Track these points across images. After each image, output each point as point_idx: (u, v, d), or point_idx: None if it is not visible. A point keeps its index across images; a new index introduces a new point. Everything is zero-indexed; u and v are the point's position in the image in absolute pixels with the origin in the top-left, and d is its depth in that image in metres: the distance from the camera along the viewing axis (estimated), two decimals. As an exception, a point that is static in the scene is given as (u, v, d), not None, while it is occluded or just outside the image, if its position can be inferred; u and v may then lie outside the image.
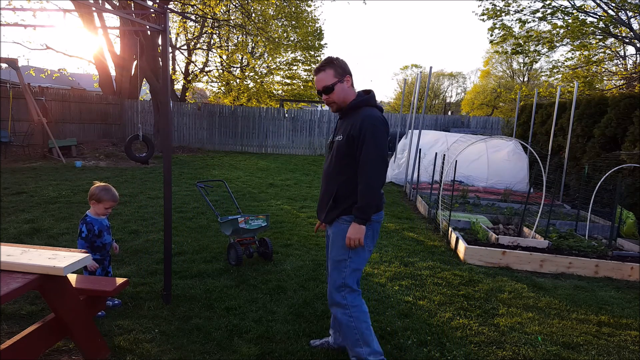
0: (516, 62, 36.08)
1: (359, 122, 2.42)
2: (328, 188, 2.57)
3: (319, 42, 27.47)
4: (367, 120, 2.40)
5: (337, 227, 2.54)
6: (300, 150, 17.25)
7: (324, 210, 2.62)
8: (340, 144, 2.49)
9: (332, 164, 2.55)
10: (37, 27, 3.56)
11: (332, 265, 2.55)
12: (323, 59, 2.55)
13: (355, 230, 2.42)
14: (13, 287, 1.98)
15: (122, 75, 17.32)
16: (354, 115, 2.49)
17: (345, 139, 2.45)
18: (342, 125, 2.55)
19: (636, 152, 6.91)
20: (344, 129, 2.50)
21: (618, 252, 5.07)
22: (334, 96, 2.49)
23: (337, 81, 2.46)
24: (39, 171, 9.55)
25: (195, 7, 14.75)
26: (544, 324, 3.40)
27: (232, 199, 5.23)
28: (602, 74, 15.22)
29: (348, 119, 2.51)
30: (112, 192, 3.23)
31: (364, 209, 2.40)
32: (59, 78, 20.81)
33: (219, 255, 4.53)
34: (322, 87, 2.48)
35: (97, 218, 3.22)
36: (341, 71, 2.47)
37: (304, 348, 2.83)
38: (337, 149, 2.51)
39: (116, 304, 3.28)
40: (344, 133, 2.47)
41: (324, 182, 2.64)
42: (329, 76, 2.46)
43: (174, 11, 3.75)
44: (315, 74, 2.52)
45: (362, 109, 2.50)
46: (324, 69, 2.47)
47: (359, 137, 2.40)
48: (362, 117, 2.43)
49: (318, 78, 2.49)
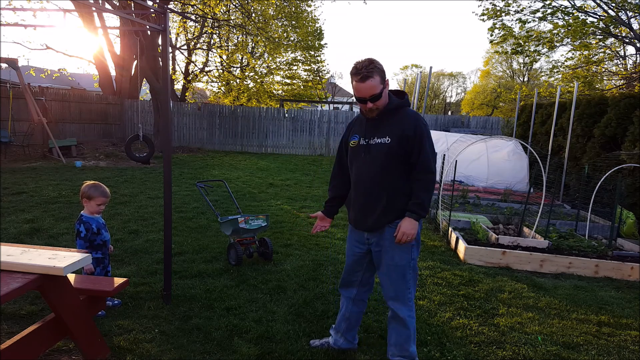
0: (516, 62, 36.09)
1: (412, 122, 2.36)
2: (375, 192, 2.43)
3: (319, 42, 27.47)
4: (420, 120, 2.38)
5: (393, 232, 2.43)
6: (300, 150, 17.24)
7: (371, 216, 2.46)
8: (389, 145, 2.37)
9: (376, 167, 2.41)
10: (37, 27, 3.56)
11: (391, 271, 2.46)
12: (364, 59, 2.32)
13: (411, 225, 2.36)
14: (13, 287, 1.98)
15: (122, 75, 17.32)
16: (396, 116, 2.41)
17: (396, 140, 2.35)
18: (380, 127, 2.42)
19: (636, 152, 6.90)
20: (388, 130, 2.39)
21: (618, 252, 5.07)
22: (380, 102, 2.37)
23: (383, 87, 2.34)
24: (39, 171, 9.55)
25: (195, 7, 14.75)
26: (544, 324, 3.40)
27: (232, 199, 5.23)
28: (602, 74, 15.22)
29: (388, 120, 2.41)
30: (101, 189, 3.22)
31: (424, 206, 2.37)
32: (59, 78, 20.80)
33: (219, 255, 4.53)
34: (371, 96, 2.33)
35: (92, 217, 3.21)
36: (384, 75, 2.35)
37: (304, 348, 2.83)
38: (383, 151, 2.38)
39: (116, 304, 3.28)
40: (391, 134, 2.37)
41: (366, 187, 2.46)
42: (377, 83, 2.31)
43: (174, 11, 3.75)
44: (361, 81, 2.30)
45: (404, 109, 2.44)
46: (372, 76, 2.29)
47: (415, 137, 2.34)
48: (413, 117, 2.39)
49: (366, 86, 2.30)
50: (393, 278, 2.47)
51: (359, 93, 2.34)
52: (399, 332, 2.53)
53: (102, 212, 3.31)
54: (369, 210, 2.47)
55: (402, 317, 2.49)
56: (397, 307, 2.50)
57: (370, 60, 2.32)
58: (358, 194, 2.52)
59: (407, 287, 2.48)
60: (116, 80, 17.82)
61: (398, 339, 2.53)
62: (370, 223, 2.48)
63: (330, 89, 37.26)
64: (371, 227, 2.49)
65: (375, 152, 2.41)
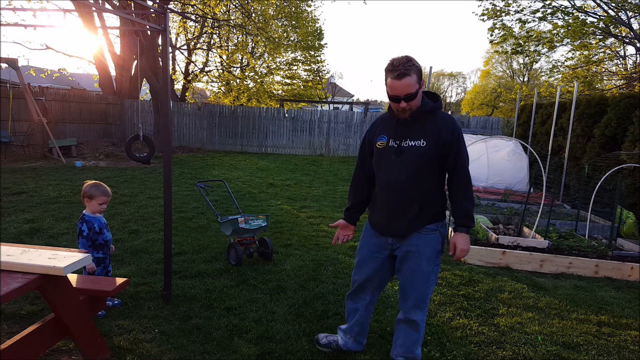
0: (516, 62, 36.10)
1: (449, 126, 2.28)
2: (407, 197, 2.32)
3: (319, 42, 27.47)
4: (457, 124, 2.31)
5: (421, 238, 2.36)
6: (300, 150, 17.24)
7: (401, 222, 2.36)
8: (425, 149, 2.25)
9: (408, 170, 2.29)
10: (37, 27, 3.56)
11: (416, 276, 2.39)
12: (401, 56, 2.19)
13: (466, 240, 2.34)
14: (13, 287, 1.98)
15: (122, 75, 17.32)
16: (430, 119, 2.30)
17: (433, 144, 2.25)
18: (414, 129, 2.30)
19: (636, 152, 6.90)
20: (423, 133, 2.27)
21: (618, 252, 5.07)
22: (414, 103, 2.23)
23: (418, 87, 2.20)
24: (39, 171, 9.55)
25: (195, 7, 14.75)
26: (544, 324, 3.40)
27: (232, 199, 5.23)
28: (602, 74, 15.22)
29: (422, 122, 2.29)
30: (102, 188, 3.23)
31: (472, 217, 2.33)
32: (59, 78, 20.80)
33: (219, 255, 4.53)
34: (406, 95, 2.18)
35: (95, 216, 3.22)
36: (420, 75, 2.22)
37: (304, 348, 2.83)
38: (418, 155, 2.26)
39: (116, 304, 3.28)
40: (427, 138, 2.26)
41: (397, 191, 2.33)
42: (413, 82, 2.17)
43: (174, 11, 3.75)
44: (397, 79, 2.16)
45: (438, 111, 2.33)
46: (409, 74, 2.15)
47: (452, 141, 2.26)
48: (450, 121, 2.31)
49: (402, 84, 2.16)
50: (416, 283, 2.40)
51: (394, 91, 2.20)
52: (408, 334, 2.50)
53: (103, 212, 3.31)
54: (399, 216, 2.36)
55: (415, 321, 2.46)
56: (414, 311, 2.46)
57: (408, 58, 2.18)
58: (387, 198, 2.39)
59: (428, 293, 2.44)
60: (116, 80, 17.82)
61: (406, 340, 2.51)
62: (400, 229, 2.38)
63: (330, 89, 37.26)
64: (400, 233, 2.39)
65: (408, 156, 2.28)
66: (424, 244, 2.37)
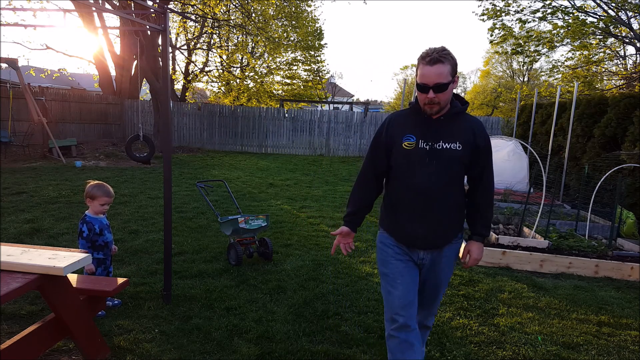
0: (516, 62, 36.09)
1: (482, 131, 2.14)
2: (443, 205, 2.13)
3: (319, 42, 27.45)
4: (485, 129, 2.18)
5: (451, 247, 2.23)
6: (300, 150, 17.24)
7: (436, 233, 2.16)
8: (460, 153, 2.08)
9: (444, 176, 2.10)
10: (37, 27, 3.56)
11: (438, 286, 2.29)
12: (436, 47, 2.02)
13: (481, 249, 2.27)
14: (13, 287, 1.98)
15: (122, 75, 17.32)
16: (462, 121, 2.14)
17: (468, 148, 2.09)
18: (447, 130, 2.10)
19: (636, 152, 6.90)
20: (457, 135, 2.10)
21: (618, 252, 5.07)
22: (443, 96, 2.02)
23: (451, 80, 2.01)
24: (39, 171, 9.55)
25: (195, 7, 14.75)
26: (544, 324, 3.40)
27: (232, 199, 5.23)
28: (602, 74, 15.22)
29: (454, 124, 2.11)
30: (104, 188, 3.22)
31: (490, 226, 2.28)
32: (59, 78, 20.80)
33: (219, 255, 4.53)
34: (436, 84, 1.98)
35: (96, 217, 3.21)
36: (455, 68, 2.03)
37: (304, 348, 2.83)
38: (455, 158, 2.08)
39: (116, 304, 3.28)
40: (462, 141, 2.09)
41: (433, 199, 2.11)
42: (447, 72, 1.98)
43: (174, 11, 3.75)
44: (430, 64, 1.97)
45: (467, 115, 2.19)
46: (443, 62, 1.97)
47: (485, 148, 2.14)
48: (481, 125, 2.16)
49: (434, 70, 1.97)
50: (436, 294, 2.33)
51: (423, 79, 2.00)
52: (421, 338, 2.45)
53: (106, 212, 3.31)
54: (435, 227, 2.15)
55: (426, 325, 2.44)
56: (431, 318, 2.44)
57: (445, 48, 2.03)
58: (422, 206, 2.14)
59: (440, 299, 2.40)
60: (116, 80, 17.82)
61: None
62: (438, 240, 2.18)
63: (330, 89, 37.26)
64: (435, 245, 2.19)
65: (445, 159, 2.08)
66: (452, 254, 2.24)
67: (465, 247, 2.28)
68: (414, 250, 2.20)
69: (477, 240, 2.27)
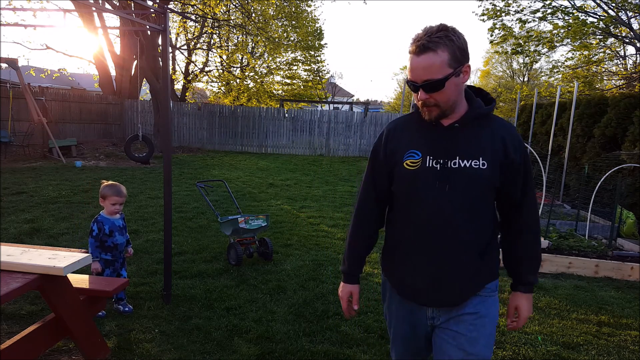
0: (516, 62, 36.09)
1: (516, 140, 1.53)
2: (463, 242, 1.52)
3: (319, 42, 27.47)
4: (521, 138, 1.57)
5: (479, 304, 1.56)
6: (300, 150, 17.24)
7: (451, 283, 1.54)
8: (487, 173, 1.49)
9: (461, 204, 1.50)
10: (37, 27, 3.57)
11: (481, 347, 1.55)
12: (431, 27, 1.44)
13: (531, 303, 1.65)
14: (13, 287, 1.98)
15: (122, 75, 17.33)
16: (486, 128, 1.54)
17: (497, 164, 1.50)
18: (464, 142, 1.52)
19: (636, 152, 6.90)
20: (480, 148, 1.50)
21: (618, 252, 5.07)
22: (441, 97, 1.46)
23: (450, 73, 1.42)
24: (39, 171, 9.55)
25: (195, 7, 14.75)
26: (544, 324, 3.40)
27: (232, 199, 5.23)
28: (602, 74, 15.23)
29: (475, 133, 1.53)
30: (115, 188, 3.20)
31: (538, 269, 1.67)
32: (59, 78, 20.80)
33: (219, 255, 4.53)
34: (426, 81, 1.43)
35: (109, 217, 3.18)
36: (460, 56, 1.44)
37: (304, 348, 2.83)
38: (476, 180, 1.49)
39: (127, 311, 3.20)
40: (486, 155, 1.49)
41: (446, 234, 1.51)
42: (441, 62, 1.41)
43: (174, 11, 3.76)
44: (417, 54, 1.42)
45: (494, 117, 1.59)
46: (434, 49, 1.40)
47: (521, 163, 1.53)
48: (513, 132, 1.56)
49: (422, 62, 1.42)
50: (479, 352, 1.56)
51: (411, 73, 1.46)
52: None
53: (120, 213, 3.25)
54: (448, 275, 1.53)
55: None
56: None
57: (442, 27, 1.43)
58: (429, 246, 1.54)
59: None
60: (116, 80, 17.82)
61: None
62: (452, 295, 1.55)
63: (330, 89, 37.26)
64: (448, 301, 1.56)
65: (463, 182, 1.49)
66: (486, 310, 1.58)
67: (511, 303, 1.67)
68: (420, 307, 1.62)
69: (525, 291, 1.64)
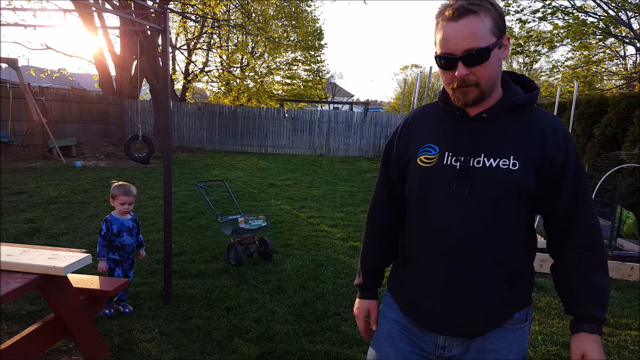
0: (516, 62, 36.09)
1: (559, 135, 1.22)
2: (486, 260, 1.24)
3: (319, 42, 27.46)
4: (570, 136, 1.26)
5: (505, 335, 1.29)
6: (300, 150, 17.24)
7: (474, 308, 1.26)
8: (518, 174, 1.20)
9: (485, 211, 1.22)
10: (37, 27, 3.57)
11: None
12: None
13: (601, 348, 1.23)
14: (13, 287, 1.98)
15: (122, 75, 17.33)
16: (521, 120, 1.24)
17: (532, 165, 1.20)
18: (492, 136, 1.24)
19: (636, 152, 6.91)
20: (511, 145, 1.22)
21: (618, 252, 5.07)
22: (483, 72, 1.17)
23: (495, 42, 1.16)
24: (39, 171, 9.55)
25: (195, 7, 14.75)
26: (544, 324, 3.40)
27: (232, 199, 5.23)
28: (602, 74, 15.22)
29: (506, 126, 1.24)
30: (124, 187, 3.20)
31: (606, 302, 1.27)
32: (59, 78, 20.79)
33: (219, 255, 4.53)
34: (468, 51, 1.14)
35: (119, 218, 3.17)
36: (501, 23, 1.18)
37: (304, 348, 2.83)
38: (505, 183, 1.20)
39: (127, 312, 3.20)
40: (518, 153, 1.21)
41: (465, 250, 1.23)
42: (485, 28, 1.14)
43: (174, 11, 3.76)
44: (455, 19, 1.13)
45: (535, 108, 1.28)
46: (477, 12, 1.13)
47: (567, 164, 1.21)
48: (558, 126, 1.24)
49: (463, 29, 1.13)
50: None
51: (446, 44, 1.16)
52: None
53: (130, 213, 3.24)
54: (467, 298, 1.26)
55: None
56: None
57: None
58: (444, 263, 1.26)
59: None
60: (116, 80, 17.82)
61: None
62: (473, 324, 1.27)
63: (330, 89, 37.27)
64: (472, 330, 1.28)
65: (488, 185, 1.21)
66: (508, 346, 1.29)
67: (575, 349, 1.25)
68: (429, 333, 1.33)
69: (591, 331, 1.23)
